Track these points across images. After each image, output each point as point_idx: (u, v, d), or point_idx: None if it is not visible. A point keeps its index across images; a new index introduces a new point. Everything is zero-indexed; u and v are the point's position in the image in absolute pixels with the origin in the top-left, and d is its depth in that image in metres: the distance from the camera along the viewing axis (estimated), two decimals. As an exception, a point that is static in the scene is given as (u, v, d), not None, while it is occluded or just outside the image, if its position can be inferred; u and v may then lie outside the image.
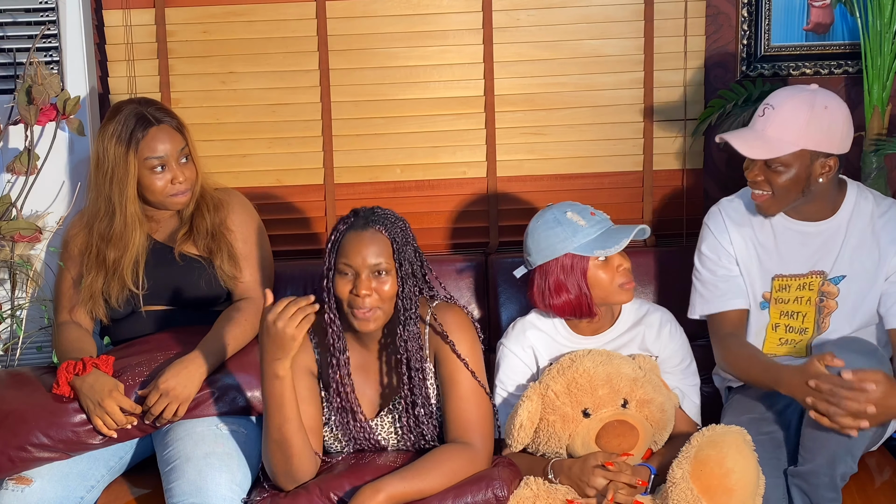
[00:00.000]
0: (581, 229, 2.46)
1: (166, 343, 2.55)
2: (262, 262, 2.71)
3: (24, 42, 2.99)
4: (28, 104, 2.84)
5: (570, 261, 2.46)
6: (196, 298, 2.65)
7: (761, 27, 3.12)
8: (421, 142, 3.19)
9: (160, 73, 3.14)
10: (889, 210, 2.55)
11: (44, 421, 2.41)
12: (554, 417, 2.36)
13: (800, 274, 2.57)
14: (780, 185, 2.46)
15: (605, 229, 2.49)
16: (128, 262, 2.59)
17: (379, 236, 2.30)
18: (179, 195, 2.61)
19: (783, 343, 2.61)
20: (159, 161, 2.58)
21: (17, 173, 2.89)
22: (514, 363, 2.55)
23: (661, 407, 2.38)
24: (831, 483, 2.31)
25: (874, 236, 2.53)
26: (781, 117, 2.44)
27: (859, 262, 2.53)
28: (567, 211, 2.50)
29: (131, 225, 2.59)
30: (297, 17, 3.14)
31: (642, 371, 2.41)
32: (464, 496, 2.25)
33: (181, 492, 2.31)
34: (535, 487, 2.29)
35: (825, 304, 2.56)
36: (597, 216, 2.52)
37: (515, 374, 2.54)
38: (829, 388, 2.21)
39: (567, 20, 3.14)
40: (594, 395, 2.35)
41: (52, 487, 2.40)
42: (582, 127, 3.18)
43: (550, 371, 2.42)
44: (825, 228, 2.55)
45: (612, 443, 2.32)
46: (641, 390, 2.36)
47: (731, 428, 2.28)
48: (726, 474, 2.20)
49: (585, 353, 2.43)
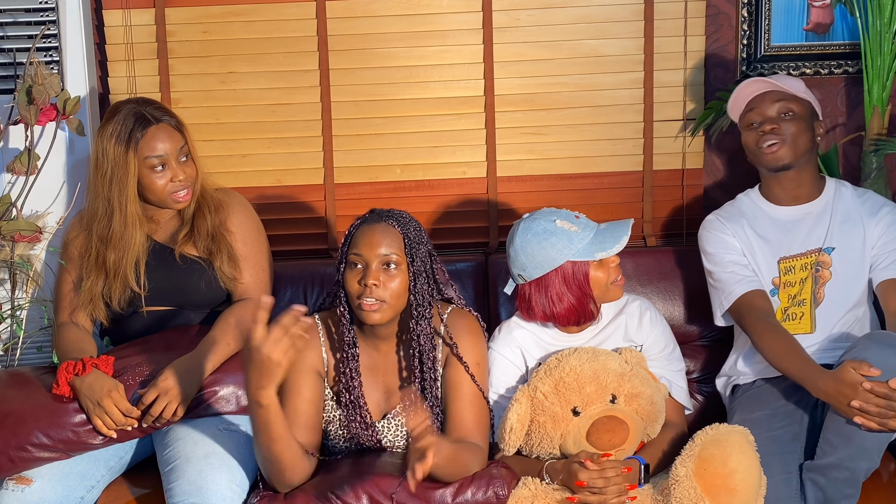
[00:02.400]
0: (575, 235, 2.45)
1: (167, 343, 2.55)
2: (262, 263, 2.71)
3: (24, 42, 2.99)
4: (28, 104, 2.84)
5: (571, 268, 2.45)
6: (197, 299, 2.64)
7: (761, 27, 3.12)
8: (421, 142, 3.19)
9: (160, 73, 3.14)
10: (866, 193, 2.75)
11: (44, 421, 2.41)
12: (544, 418, 2.36)
13: (800, 253, 2.67)
14: (794, 131, 2.63)
15: (595, 230, 2.49)
16: (129, 262, 2.59)
17: (391, 230, 2.32)
18: (180, 193, 2.61)
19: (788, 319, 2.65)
20: (159, 160, 2.58)
21: (17, 173, 2.89)
22: (504, 365, 2.53)
23: (651, 399, 2.39)
24: (852, 478, 2.34)
25: (857, 213, 2.68)
26: (783, 79, 2.71)
27: (847, 235, 2.65)
28: (555, 219, 2.48)
29: (131, 225, 2.59)
30: (297, 17, 3.14)
31: (629, 365, 2.42)
32: (463, 493, 2.25)
33: (181, 492, 2.31)
34: (532, 487, 2.30)
35: (820, 275, 2.65)
36: (581, 218, 2.51)
37: (505, 377, 2.53)
38: (886, 393, 2.26)
39: (567, 20, 3.14)
40: (582, 393, 2.35)
41: (53, 487, 2.39)
42: (582, 127, 3.18)
43: (538, 373, 2.42)
44: (813, 209, 2.70)
45: (602, 439, 2.33)
46: (629, 384, 2.37)
47: (735, 428, 2.30)
48: (730, 474, 2.21)
49: (571, 352, 2.43)
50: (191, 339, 2.54)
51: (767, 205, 2.73)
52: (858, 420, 2.29)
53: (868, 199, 2.71)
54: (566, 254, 2.44)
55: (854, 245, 2.65)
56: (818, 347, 2.61)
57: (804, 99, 2.68)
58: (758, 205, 2.74)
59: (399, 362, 2.41)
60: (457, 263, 2.99)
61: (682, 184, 3.20)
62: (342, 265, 2.34)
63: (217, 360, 2.49)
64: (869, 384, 2.27)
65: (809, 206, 2.70)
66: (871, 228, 2.65)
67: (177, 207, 2.65)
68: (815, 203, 2.70)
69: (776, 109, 2.65)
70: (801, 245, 2.67)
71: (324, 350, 2.41)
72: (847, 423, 2.31)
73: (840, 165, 3.06)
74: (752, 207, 2.74)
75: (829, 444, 2.35)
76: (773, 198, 2.73)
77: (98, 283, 2.60)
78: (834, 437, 2.35)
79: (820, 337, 2.63)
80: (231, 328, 2.55)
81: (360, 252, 2.29)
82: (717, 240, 2.70)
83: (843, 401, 2.30)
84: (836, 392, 2.31)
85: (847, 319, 2.64)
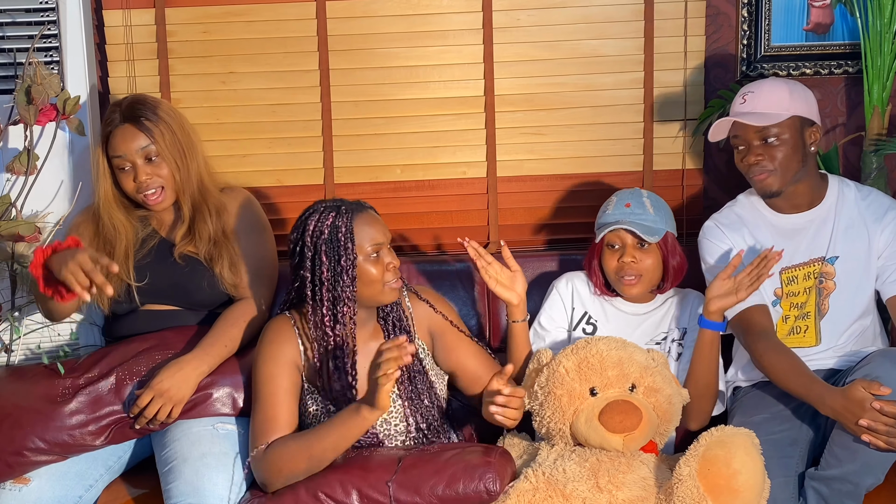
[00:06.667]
0: (607, 206, 2.76)
1: (165, 342, 2.55)
2: (263, 262, 2.70)
3: (24, 42, 2.99)
4: (28, 104, 2.84)
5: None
6: (200, 299, 2.64)
7: (761, 27, 3.12)
8: (421, 142, 3.19)
9: (160, 73, 3.14)
10: (871, 194, 2.68)
11: (40, 425, 2.41)
12: (561, 392, 2.39)
13: (802, 263, 2.63)
14: (781, 158, 2.57)
15: (628, 214, 2.72)
16: (119, 254, 2.59)
17: (375, 214, 2.46)
18: (149, 194, 2.61)
19: (792, 332, 2.63)
20: (121, 161, 2.61)
21: (17, 173, 2.88)
22: (554, 299, 2.75)
23: (669, 399, 2.41)
24: (855, 491, 2.35)
25: (861, 218, 2.62)
26: (765, 94, 2.61)
27: (851, 243, 2.60)
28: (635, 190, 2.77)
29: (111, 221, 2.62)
30: (297, 17, 3.14)
31: (655, 362, 2.46)
32: (455, 485, 2.25)
33: (179, 492, 2.32)
34: (534, 480, 2.28)
35: (824, 286, 2.62)
36: (640, 200, 2.74)
37: (551, 309, 2.75)
38: (895, 412, 2.25)
39: (567, 20, 3.14)
40: (603, 375, 2.39)
41: (50, 487, 2.40)
42: (582, 127, 3.18)
43: (565, 350, 2.47)
44: (815, 216, 2.64)
45: (614, 419, 2.34)
46: (651, 378, 2.40)
47: (740, 430, 2.28)
48: (733, 475, 2.20)
49: (602, 338, 2.50)
50: (188, 340, 2.54)
51: (769, 212, 2.68)
52: (866, 438, 2.28)
53: (873, 202, 2.64)
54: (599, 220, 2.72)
55: (858, 254, 2.60)
56: (823, 358, 2.60)
57: (787, 118, 2.57)
58: (759, 210, 2.69)
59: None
60: (456, 263, 2.99)
61: (682, 184, 3.20)
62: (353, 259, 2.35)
63: (214, 363, 2.49)
64: (879, 403, 2.26)
65: (811, 214, 2.65)
66: (877, 236, 2.60)
67: (152, 209, 2.65)
68: (817, 210, 2.65)
69: (759, 137, 2.57)
70: (804, 254, 2.63)
71: (300, 342, 2.41)
72: (854, 439, 2.31)
73: (840, 165, 3.05)
74: (752, 213, 2.69)
75: (835, 457, 2.35)
76: (774, 205, 2.67)
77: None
78: (840, 450, 2.34)
79: (825, 348, 2.61)
80: (229, 329, 2.54)
81: (378, 241, 2.39)
82: (717, 250, 2.66)
83: (851, 418, 2.29)
84: (844, 409, 2.30)
85: (853, 330, 2.61)
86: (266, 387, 2.36)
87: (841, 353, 2.61)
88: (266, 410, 2.34)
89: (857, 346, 2.61)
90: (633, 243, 2.64)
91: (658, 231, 2.64)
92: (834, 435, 2.37)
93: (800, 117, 2.58)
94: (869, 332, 2.65)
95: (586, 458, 2.34)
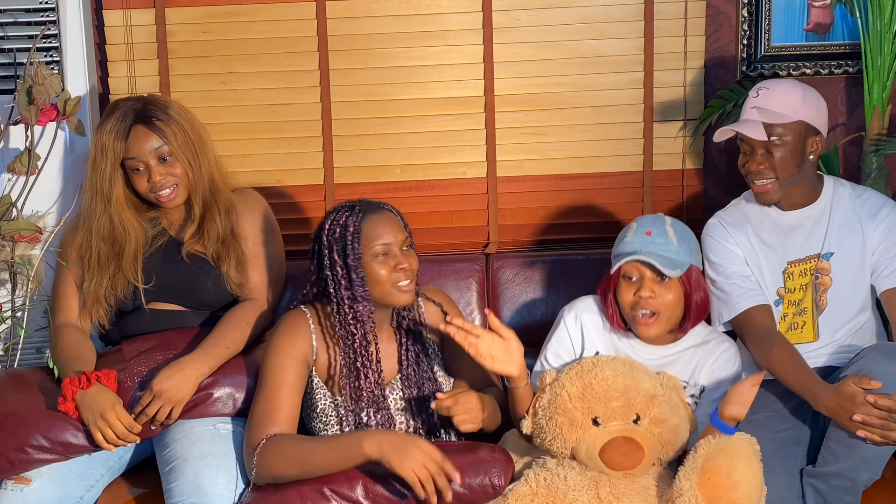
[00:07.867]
0: (624, 235, 2.53)
1: (167, 343, 2.55)
2: (270, 264, 2.70)
3: (24, 42, 2.99)
4: (28, 104, 2.84)
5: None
6: (204, 298, 2.64)
7: (761, 27, 3.12)
8: (421, 142, 3.19)
9: (160, 74, 3.15)
10: (865, 192, 2.68)
11: (43, 423, 2.41)
12: (563, 419, 2.31)
13: (799, 259, 2.63)
14: (780, 159, 2.55)
15: (647, 244, 2.49)
16: (128, 256, 2.59)
17: (392, 214, 2.43)
18: (163, 192, 2.61)
19: (790, 329, 2.63)
20: (135, 162, 2.59)
21: (18, 173, 2.89)
22: (561, 334, 2.55)
23: (675, 429, 2.31)
24: (853, 487, 2.34)
25: (855, 215, 2.62)
26: (779, 93, 2.58)
27: (846, 239, 2.61)
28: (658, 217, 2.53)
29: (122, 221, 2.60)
30: (297, 17, 3.15)
31: (663, 389, 2.34)
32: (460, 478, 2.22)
33: (180, 492, 2.32)
34: (534, 484, 2.27)
35: (820, 282, 2.62)
36: (662, 228, 2.52)
37: (557, 343, 2.55)
38: (888, 405, 2.25)
39: (567, 20, 3.14)
40: (608, 406, 2.29)
41: (52, 487, 2.40)
42: (582, 127, 3.18)
43: (569, 371, 2.36)
44: (811, 213, 2.65)
45: (615, 459, 2.26)
46: (657, 409, 2.29)
47: (741, 436, 2.25)
48: (734, 487, 2.17)
49: (609, 360, 2.36)
50: (190, 341, 2.54)
51: (773, 209, 2.67)
52: (861, 433, 2.28)
53: (867, 200, 2.65)
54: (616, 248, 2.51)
55: (853, 250, 2.61)
56: (822, 354, 2.60)
57: (793, 121, 2.56)
58: (763, 208, 2.68)
59: (396, 339, 2.48)
60: (457, 263, 2.99)
61: (682, 184, 3.20)
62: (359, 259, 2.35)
63: (214, 364, 2.49)
64: (872, 397, 2.25)
65: (807, 211, 2.65)
66: (871, 232, 2.61)
67: (165, 206, 2.65)
68: (812, 207, 2.65)
69: (763, 145, 2.56)
70: (800, 250, 2.63)
71: (314, 339, 2.41)
72: (850, 435, 2.30)
73: (840, 165, 3.06)
74: (757, 210, 2.68)
75: (832, 453, 2.35)
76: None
77: (102, 282, 2.60)
78: (836, 446, 2.34)
79: (823, 344, 2.61)
80: (231, 330, 2.55)
81: (387, 242, 2.36)
82: (722, 249, 2.64)
83: (844, 415, 2.29)
84: (837, 406, 2.30)
85: (851, 326, 2.61)
86: (272, 378, 2.36)
87: (839, 349, 2.61)
88: (268, 401, 2.34)
89: (856, 342, 2.61)
90: (651, 276, 2.42)
91: (681, 264, 2.43)
92: (830, 431, 2.37)
93: (806, 124, 2.57)
94: (867, 328, 2.65)
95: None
